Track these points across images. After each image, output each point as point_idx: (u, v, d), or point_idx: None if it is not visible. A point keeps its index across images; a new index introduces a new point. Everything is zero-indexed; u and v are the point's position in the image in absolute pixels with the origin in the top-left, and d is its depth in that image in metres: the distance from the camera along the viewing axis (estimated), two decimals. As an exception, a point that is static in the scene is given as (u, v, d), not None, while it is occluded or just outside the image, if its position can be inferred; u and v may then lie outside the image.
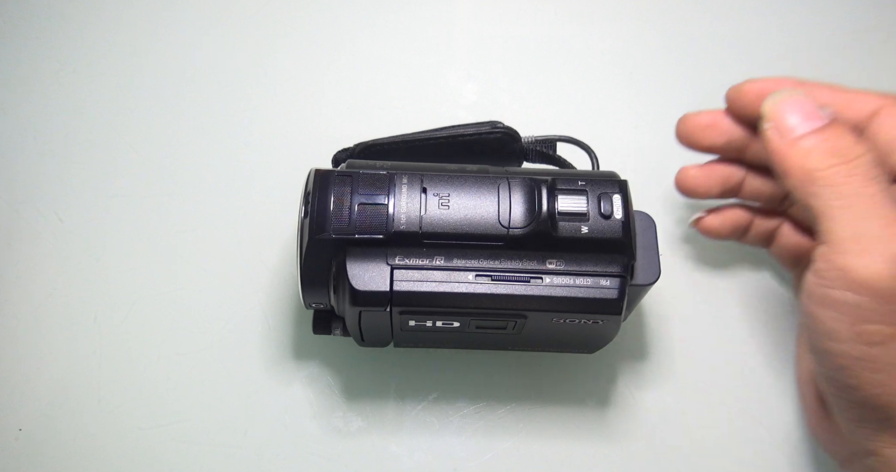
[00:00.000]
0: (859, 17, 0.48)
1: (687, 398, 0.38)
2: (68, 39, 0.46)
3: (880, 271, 0.25)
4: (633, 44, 0.47)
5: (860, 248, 0.25)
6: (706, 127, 0.33)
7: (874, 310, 0.26)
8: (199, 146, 0.43)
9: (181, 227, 0.41)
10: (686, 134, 0.34)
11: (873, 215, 0.26)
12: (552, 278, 0.30)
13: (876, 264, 0.25)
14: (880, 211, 0.26)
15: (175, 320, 0.39)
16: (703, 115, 0.34)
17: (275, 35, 0.47)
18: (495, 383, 0.38)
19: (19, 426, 0.37)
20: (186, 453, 0.36)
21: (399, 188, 0.31)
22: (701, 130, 0.33)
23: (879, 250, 0.25)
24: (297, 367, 0.38)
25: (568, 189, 0.31)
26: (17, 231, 0.41)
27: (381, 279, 0.30)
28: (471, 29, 0.48)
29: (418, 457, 0.36)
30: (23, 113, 0.44)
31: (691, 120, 0.34)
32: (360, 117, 0.44)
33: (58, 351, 0.38)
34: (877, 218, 0.26)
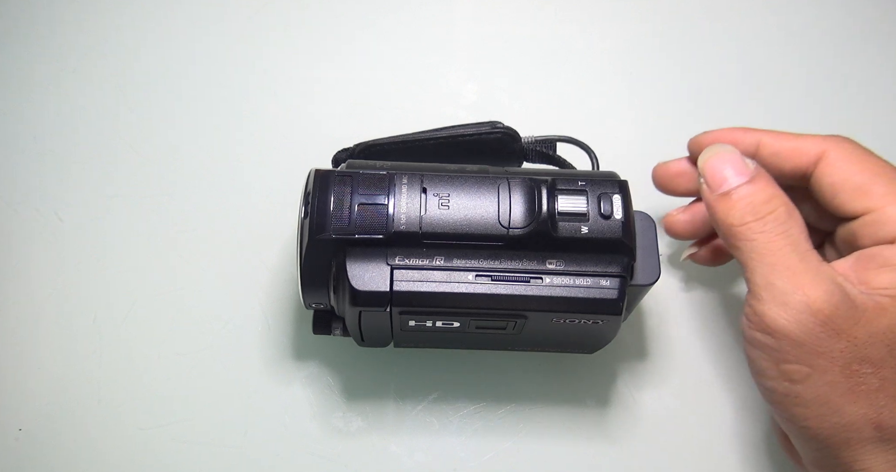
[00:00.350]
0: (860, 16, 0.48)
1: (687, 398, 0.38)
2: (68, 39, 0.46)
3: (788, 319, 0.27)
4: (633, 44, 0.47)
5: (771, 297, 0.28)
6: (676, 175, 0.35)
7: (790, 352, 0.28)
8: (199, 146, 0.43)
9: (181, 227, 0.41)
10: (661, 183, 0.36)
11: (781, 268, 0.28)
12: (552, 279, 0.30)
13: (784, 313, 0.27)
14: (787, 263, 0.28)
15: (175, 320, 0.39)
16: (671, 164, 0.35)
17: (275, 35, 0.47)
18: (495, 383, 0.38)
19: (19, 426, 0.37)
20: (186, 453, 0.36)
21: (399, 188, 0.31)
22: (673, 178, 0.35)
23: (786, 301, 0.27)
24: (297, 367, 0.38)
25: (568, 189, 0.31)
26: (17, 231, 0.41)
27: (381, 279, 0.30)
28: (471, 29, 0.48)
29: (418, 457, 0.36)
30: (23, 113, 0.44)
31: (663, 169, 0.35)
32: (360, 117, 0.44)
33: (58, 351, 0.38)
34: (784, 270, 0.28)
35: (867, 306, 0.27)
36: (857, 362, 0.27)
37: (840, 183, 0.30)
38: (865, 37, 0.48)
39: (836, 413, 0.28)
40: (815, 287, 0.27)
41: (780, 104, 0.46)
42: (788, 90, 0.46)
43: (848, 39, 0.48)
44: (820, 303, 0.27)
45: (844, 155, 0.31)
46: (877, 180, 0.30)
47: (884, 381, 0.27)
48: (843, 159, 0.31)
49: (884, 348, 0.27)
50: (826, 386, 0.27)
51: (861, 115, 0.46)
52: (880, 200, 0.29)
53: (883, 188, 0.30)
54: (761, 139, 0.32)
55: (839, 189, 0.30)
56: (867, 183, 0.30)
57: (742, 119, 0.45)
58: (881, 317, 0.27)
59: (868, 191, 0.30)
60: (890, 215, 0.29)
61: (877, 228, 0.29)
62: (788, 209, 0.29)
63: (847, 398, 0.27)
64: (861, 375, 0.27)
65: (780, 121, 0.45)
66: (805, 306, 0.27)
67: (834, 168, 0.31)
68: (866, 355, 0.27)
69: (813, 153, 0.31)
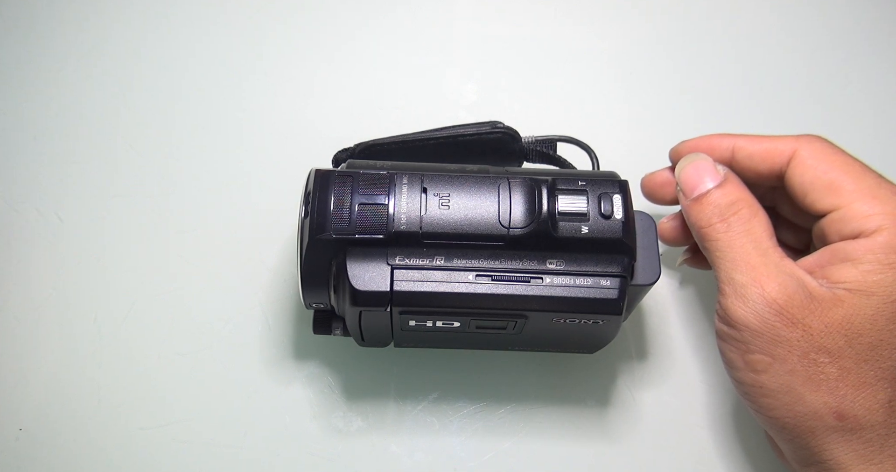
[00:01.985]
0: (860, 16, 0.48)
1: (687, 398, 0.38)
2: (68, 39, 0.46)
3: (746, 310, 0.29)
4: (633, 44, 0.47)
5: (732, 291, 0.30)
6: (662, 185, 0.36)
7: (751, 342, 0.29)
8: (199, 146, 0.43)
9: (181, 227, 0.41)
10: (648, 193, 0.36)
11: (741, 263, 0.30)
12: (552, 278, 0.30)
13: (743, 305, 0.29)
14: (747, 259, 0.30)
15: (175, 320, 0.39)
16: (657, 174, 0.36)
17: (275, 35, 0.47)
18: (495, 383, 0.38)
19: (19, 426, 0.37)
20: (186, 453, 0.36)
21: (399, 188, 0.31)
22: (660, 188, 0.36)
23: (744, 293, 0.29)
24: (297, 367, 0.38)
25: (568, 189, 0.31)
26: (17, 231, 0.41)
27: (382, 279, 0.30)
28: (471, 29, 0.48)
29: (418, 457, 0.36)
30: (23, 113, 0.44)
31: (649, 180, 0.36)
32: (360, 117, 0.44)
33: (58, 351, 0.38)
34: (743, 265, 0.30)
35: (824, 297, 0.28)
36: (815, 352, 0.28)
37: (810, 181, 0.31)
38: (866, 37, 0.48)
39: (799, 402, 0.29)
40: (770, 280, 0.29)
41: (780, 104, 0.46)
42: (788, 90, 0.46)
43: (848, 39, 0.48)
44: (774, 294, 0.29)
45: (814, 154, 0.31)
46: (845, 177, 0.30)
47: (843, 371, 0.28)
48: (812, 158, 0.31)
49: (841, 339, 0.28)
50: (787, 375, 0.29)
51: (861, 115, 0.46)
52: (848, 197, 0.30)
53: (851, 185, 0.30)
54: (736, 143, 0.33)
55: (809, 187, 0.31)
56: (836, 180, 0.30)
57: (742, 119, 0.45)
58: (837, 308, 0.28)
59: (836, 188, 0.30)
60: (856, 211, 0.30)
61: (843, 224, 0.30)
62: (752, 210, 0.31)
63: (807, 387, 0.28)
64: (819, 364, 0.28)
65: (780, 121, 0.45)
66: (761, 298, 0.29)
67: (804, 167, 0.31)
68: (823, 344, 0.28)
69: (785, 154, 0.32)
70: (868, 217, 0.29)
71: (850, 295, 0.28)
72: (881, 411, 0.28)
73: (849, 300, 0.28)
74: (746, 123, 0.45)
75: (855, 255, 0.29)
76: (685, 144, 0.35)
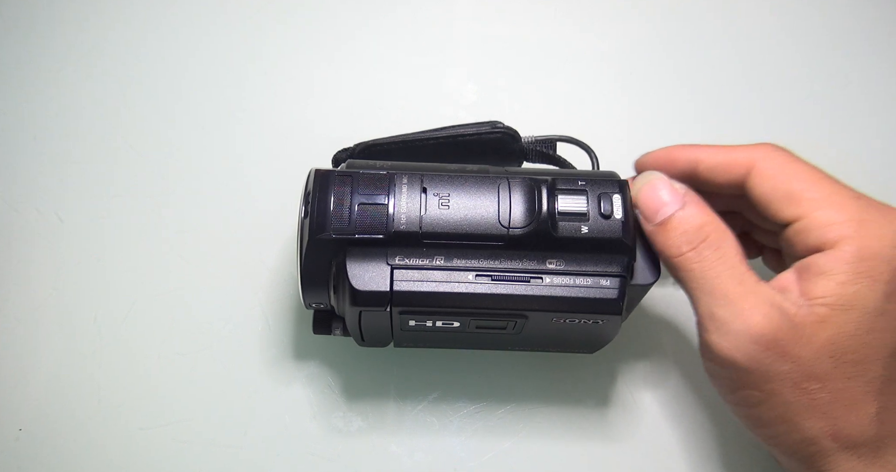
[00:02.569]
0: (860, 16, 0.48)
1: (686, 397, 0.38)
2: (68, 39, 0.46)
3: (731, 348, 0.28)
4: (633, 44, 0.47)
5: (715, 327, 0.29)
6: None
7: (741, 379, 0.29)
8: (199, 146, 0.43)
9: (181, 227, 0.41)
10: None
11: (720, 296, 0.29)
12: (552, 278, 0.30)
13: (727, 342, 0.28)
14: (725, 290, 0.28)
15: (175, 320, 0.39)
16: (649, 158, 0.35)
17: (275, 35, 0.47)
18: (495, 383, 0.38)
19: (19, 426, 0.37)
20: (186, 453, 0.36)
21: (399, 188, 0.31)
22: None
23: (728, 330, 0.28)
24: (297, 367, 0.38)
25: (568, 189, 0.31)
26: (17, 231, 0.41)
27: (382, 279, 0.30)
28: (471, 29, 0.48)
29: (418, 457, 0.36)
30: (23, 113, 0.44)
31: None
32: (360, 117, 0.44)
33: (58, 351, 0.38)
34: (722, 298, 0.28)
35: (806, 321, 0.28)
36: (806, 380, 0.28)
37: (770, 192, 0.31)
38: (866, 37, 0.48)
39: (795, 431, 0.28)
40: (754, 313, 0.28)
41: (780, 104, 0.46)
42: (788, 90, 0.46)
43: (848, 39, 0.48)
44: (760, 328, 0.28)
45: (772, 164, 0.31)
46: (803, 186, 0.30)
47: (833, 393, 0.28)
48: (771, 168, 0.31)
49: (828, 361, 0.28)
50: (781, 407, 0.28)
51: (861, 115, 0.46)
52: (807, 206, 0.30)
53: (809, 193, 0.30)
54: (697, 155, 0.33)
55: (770, 198, 0.31)
56: (795, 190, 0.30)
57: (742, 119, 0.45)
58: (821, 330, 0.28)
59: (796, 198, 0.30)
60: (817, 221, 0.29)
61: (806, 235, 0.29)
62: (720, 233, 0.30)
63: (802, 416, 0.28)
64: (811, 392, 0.28)
65: (781, 120, 0.45)
66: (746, 334, 0.28)
67: (763, 178, 0.31)
68: (813, 372, 0.28)
69: (743, 165, 0.31)
70: (829, 226, 0.29)
71: (831, 312, 0.28)
72: (871, 425, 0.28)
73: (830, 319, 0.28)
74: (746, 123, 0.45)
75: (827, 268, 0.28)
76: (648, 156, 0.34)
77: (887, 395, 0.28)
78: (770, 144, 0.32)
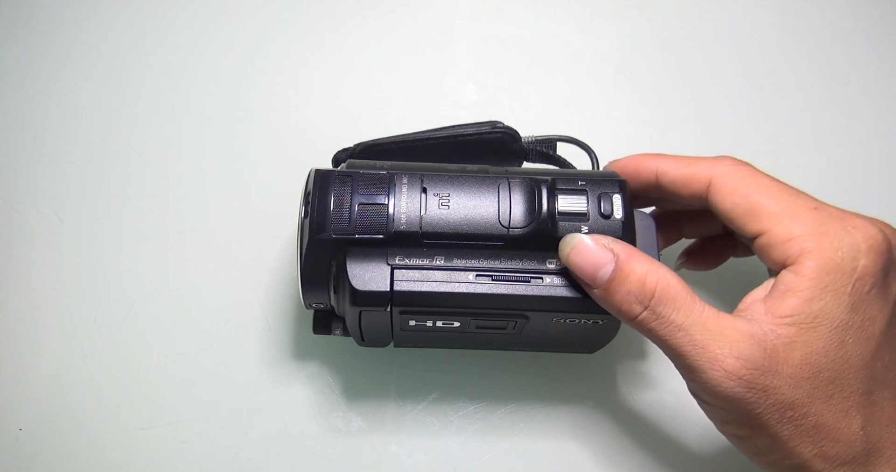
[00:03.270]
0: (860, 16, 0.48)
1: (687, 398, 0.38)
2: (68, 39, 0.46)
3: (716, 393, 0.28)
4: (633, 44, 0.47)
5: (693, 377, 0.28)
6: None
7: (728, 415, 0.29)
8: (199, 146, 0.43)
9: (181, 227, 0.41)
10: None
11: (689, 349, 0.28)
12: (552, 278, 0.30)
13: (709, 388, 0.28)
14: (693, 342, 0.28)
15: (175, 320, 0.39)
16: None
17: (275, 35, 0.47)
18: (495, 383, 0.38)
19: (19, 426, 0.37)
20: (186, 453, 0.36)
21: (399, 188, 0.31)
22: None
23: (707, 377, 0.28)
24: (297, 367, 0.38)
25: (568, 189, 0.31)
26: (17, 231, 0.41)
27: (382, 279, 0.30)
28: (471, 29, 0.48)
29: (418, 457, 0.36)
30: (23, 113, 0.44)
31: None
32: (360, 117, 0.44)
33: (58, 351, 0.38)
34: (692, 350, 0.28)
35: (776, 346, 0.28)
36: (790, 409, 0.28)
37: (731, 208, 0.30)
38: (866, 37, 0.48)
39: (788, 457, 0.28)
40: (726, 356, 0.27)
41: (780, 104, 0.46)
42: (789, 90, 0.46)
43: (848, 39, 0.48)
44: (737, 371, 0.27)
45: (730, 179, 0.31)
46: (763, 201, 0.30)
47: (817, 416, 0.28)
48: (730, 184, 0.31)
49: (806, 384, 0.28)
50: (769, 437, 0.28)
51: (861, 115, 0.46)
52: (768, 221, 0.29)
53: (770, 207, 0.30)
54: (659, 167, 0.32)
55: (733, 214, 0.30)
56: (755, 204, 0.30)
57: (741, 118, 0.45)
58: (793, 352, 0.28)
59: (757, 213, 0.30)
60: (778, 235, 0.29)
61: (770, 249, 0.29)
62: (664, 281, 0.29)
63: (793, 442, 0.28)
64: (795, 419, 0.28)
65: (781, 120, 0.45)
66: (726, 380, 0.27)
67: (723, 194, 0.31)
68: (794, 399, 0.28)
69: (703, 180, 0.31)
70: (790, 241, 0.29)
71: (799, 331, 0.28)
72: (858, 440, 0.28)
73: (799, 339, 0.28)
74: (746, 123, 0.45)
75: (792, 285, 0.28)
76: (614, 166, 0.34)
77: (868, 407, 0.28)
78: (729, 158, 0.32)
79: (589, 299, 0.30)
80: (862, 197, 0.32)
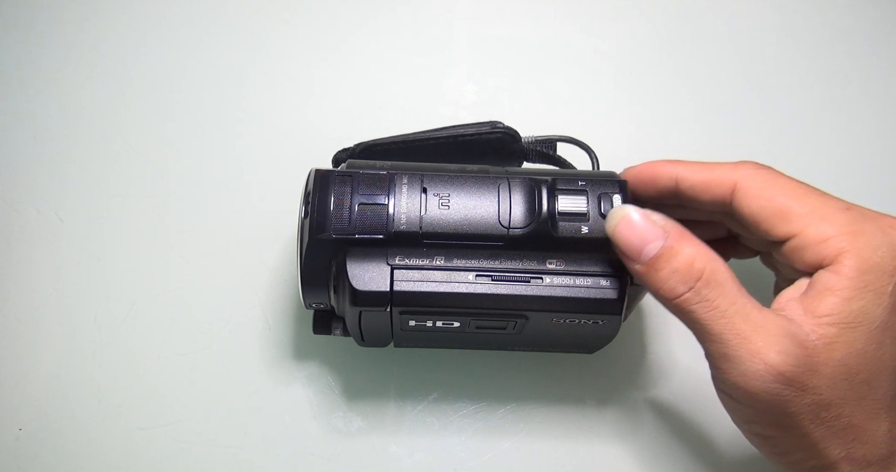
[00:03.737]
0: (860, 16, 0.48)
1: (687, 398, 0.38)
2: (68, 39, 0.46)
3: (752, 388, 0.27)
4: (633, 44, 0.47)
5: (730, 367, 0.28)
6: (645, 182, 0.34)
7: (759, 414, 0.28)
8: (198, 146, 0.43)
9: (181, 227, 0.41)
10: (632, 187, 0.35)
11: (730, 336, 0.27)
12: (552, 279, 0.30)
13: (747, 382, 0.27)
14: (734, 329, 0.27)
15: (175, 320, 0.39)
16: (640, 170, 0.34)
17: (275, 35, 0.47)
18: (495, 383, 0.38)
19: (19, 426, 0.37)
20: (186, 453, 0.36)
21: (399, 188, 0.31)
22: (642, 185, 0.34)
23: (745, 370, 0.27)
24: (297, 367, 0.38)
25: (568, 189, 0.31)
26: (17, 231, 0.41)
27: (382, 279, 0.30)
28: (471, 29, 0.48)
29: (418, 457, 0.36)
30: (23, 113, 0.44)
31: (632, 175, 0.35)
32: (360, 117, 0.44)
33: (58, 351, 0.38)
34: (733, 338, 0.27)
35: (817, 346, 0.27)
36: (825, 409, 0.27)
37: (758, 212, 0.30)
38: (865, 37, 0.48)
39: (812, 458, 0.28)
40: (769, 349, 0.27)
41: (780, 104, 0.46)
42: (789, 90, 0.46)
43: (848, 39, 0.48)
44: (780, 366, 0.27)
45: (756, 182, 0.30)
46: (792, 203, 0.30)
47: (850, 417, 0.28)
48: (755, 187, 0.30)
49: (844, 385, 0.27)
50: (800, 437, 0.28)
51: (861, 115, 0.46)
52: (800, 223, 0.29)
53: (799, 209, 0.29)
54: (678, 173, 0.32)
55: (760, 218, 0.30)
56: (783, 207, 0.30)
57: (741, 119, 0.45)
58: (833, 353, 0.27)
59: (786, 215, 0.29)
60: (812, 237, 0.29)
61: (803, 252, 0.29)
62: (714, 265, 0.28)
63: (822, 443, 0.28)
64: (828, 421, 0.28)
65: (781, 121, 0.45)
66: (766, 373, 0.27)
67: (750, 198, 0.30)
68: (830, 400, 0.27)
69: (726, 184, 0.31)
70: (825, 242, 0.28)
71: (839, 331, 0.27)
72: (884, 442, 0.28)
73: (839, 340, 0.27)
74: (746, 123, 0.45)
75: (831, 284, 0.28)
76: (629, 172, 0.34)
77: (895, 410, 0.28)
78: (751, 162, 0.31)
79: (589, 300, 0.30)
80: (862, 197, 0.32)
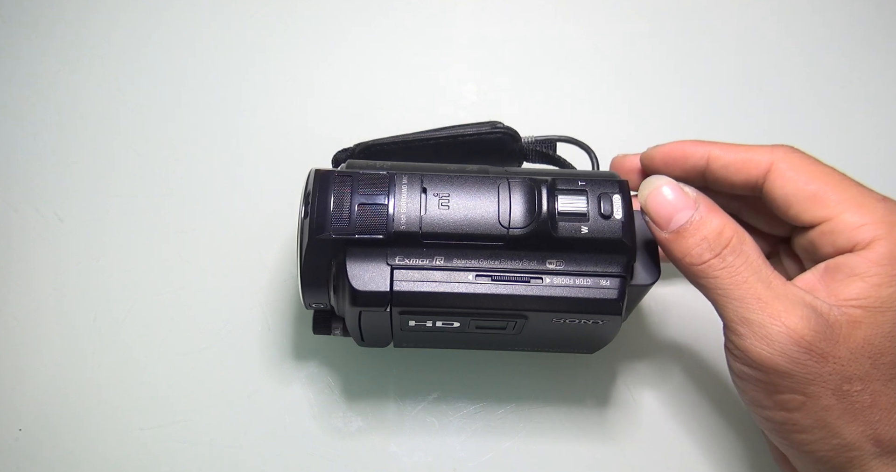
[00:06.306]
0: (860, 16, 0.48)
1: (687, 398, 0.38)
2: (68, 39, 0.46)
3: (772, 352, 0.27)
4: (633, 44, 0.47)
5: (750, 332, 0.28)
6: (629, 173, 0.35)
7: (781, 383, 0.28)
8: (198, 146, 0.43)
9: (181, 227, 0.41)
10: None
11: (751, 300, 0.28)
12: (552, 279, 0.30)
13: (767, 346, 0.27)
14: (756, 295, 0.28)
15: (175, 320, 0.39)
16: (626, 160, 0.35)
17: (274, 35, 0.47)
18: (495, 383, 0.38)
19: (19, 426, 0.37)
20: (186, 453, 0.36)
21: (399, 188, 0.31)
22: (626, 175, 0.35)
23: (766, 334, 0.27)
24: (297, 367, 0.38)
25: (568, 189, 0.31)
26: (17, 231, 0.41)
27: (381, 279, 0.30)
28: (471, 29, 0.48)
29: (418, 457, 0.36)
30: (22, 113, 0.44)
31: (618, 163, 0.36)
32: (360, 117, 0.44)
33: (58, 351, 0.38)
34: (754, 302, 0.28)
35: (840, 322, 0.27)
36: (847, 382, 0.27)
37: (792, 194, 0.30)
38: (865, 37, 0.48)
39: (836, 435, 0.28)
40: (791, 315, 0.27)
41: (779, 104, 0.46)
42: (788, 90, 0.46)
43: (848, 39, 0.48)
44: (801, 330, 0.27)
45: (793, 166, 0.31)
46: (828, 189, 0.30)
47: (874, 395, 0.28)
48: (792, 170, 0.31)
49: (867, 362, 0.27)
50: (822, 411, 0.28)
51: (861, 115, 0.46)
52: (835, 208, 0.29)
53: (836, 196, 0.30)
54: (711, 152, 0.32)
55: (792, 200, 0.30)
56: (819, 192, 0.30)
57: (741, 119, 0.45)
58: (857, 330, 0.27)
59: (821, 200, 0.30)
60: (846, 223, 0.29)
61: (835, 236, 0.29)
62: (740, 235, 0.29)
63: (844, 419, 0.28)
64: (852, 394, 0.27)
65: (780, 120, 0.45)
66: (787, 337, 0.27)
67: (784, 180, 0.31)
68: (853, 373, 0.27)
69: (762, 165, 0.31)
70: (860, 228, 0.29)
71: (865, 314, 0.27)
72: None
73: (865, 320, 0.27)
74: (746, 123, 0.45)
75: (860, 269, 0.28)
76: (658, 150, 0.34)
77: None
78: (787, 146, 0.32)
79: (589, 300, 0.30)
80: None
